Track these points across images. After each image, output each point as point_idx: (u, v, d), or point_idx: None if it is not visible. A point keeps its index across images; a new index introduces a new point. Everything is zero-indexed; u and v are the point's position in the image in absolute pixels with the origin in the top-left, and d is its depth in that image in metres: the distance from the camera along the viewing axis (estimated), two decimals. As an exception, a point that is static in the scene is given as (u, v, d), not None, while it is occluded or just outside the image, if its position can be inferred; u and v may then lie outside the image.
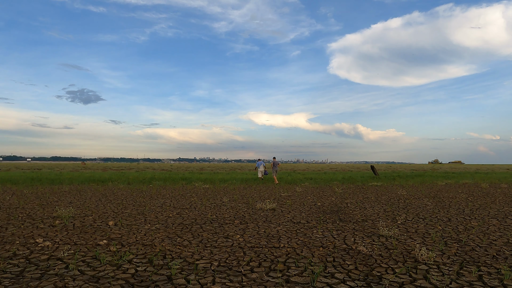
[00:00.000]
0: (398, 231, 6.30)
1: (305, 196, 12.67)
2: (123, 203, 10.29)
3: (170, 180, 21.63)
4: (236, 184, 19.02)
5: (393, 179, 24.06)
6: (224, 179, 22.56)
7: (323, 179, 23.24)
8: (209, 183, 19.67)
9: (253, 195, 12.91)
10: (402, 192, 14.35)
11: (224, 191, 14.75)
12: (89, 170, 42.95)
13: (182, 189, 15.40)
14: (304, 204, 10.34)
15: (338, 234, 6.15)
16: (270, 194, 13.52)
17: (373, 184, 19.16)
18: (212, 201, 10.98)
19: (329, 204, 10.54)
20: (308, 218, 7.81)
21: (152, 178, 23.34)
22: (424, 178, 25.27)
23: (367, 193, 14.18)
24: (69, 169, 44.28)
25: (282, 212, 8.69)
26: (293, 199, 11.81)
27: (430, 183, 20.89)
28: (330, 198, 12.20)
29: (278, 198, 11.96)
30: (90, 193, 13.47)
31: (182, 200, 11.17)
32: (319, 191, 15.05)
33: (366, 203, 10.73)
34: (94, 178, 22.66)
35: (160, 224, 7.01)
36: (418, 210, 9.29)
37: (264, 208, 9.24)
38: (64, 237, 5.72)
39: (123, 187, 16.31)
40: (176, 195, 12.92)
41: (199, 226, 6.76)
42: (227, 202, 10.69)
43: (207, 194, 13.38)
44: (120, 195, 12.63)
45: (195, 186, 17.61)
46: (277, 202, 10.89)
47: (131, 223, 7.03)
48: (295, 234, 6.08)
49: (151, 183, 19.49)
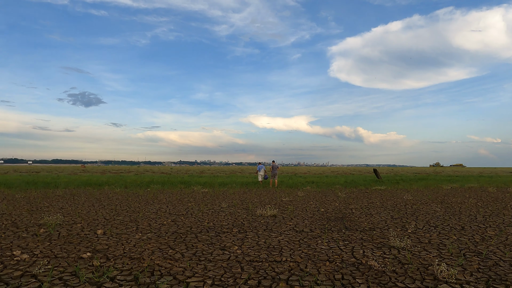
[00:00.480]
0: (411, 242, 5.79)
1: (308, 201, 12.16)
2: (117, 209, 9.80)
3: (169, 183, 21.14)
4: (235, 188, 18.51)
5: (397, 183, 23.53)
6: (223, 182, 22.07)
7: (325, 183, 22.72)
8: (208, 187, 19.17)
9: (253, 200, 12.40)
10: (407, 196, 13.82)
11: (223, 195, 14.24)
12: (87, 173, 42.50)
13: (180, 194, 14.90)
14: (307, 210, 9.83)
15: (345, 245, 5.64)
16: (270, 199, 13.01)
17: (377, 188, 18.63)
18: (210, 207, 10.48)
19: (333, 210, 10.03)
20: (311, 226, 7.30)
21: (150, 181, 22.85)
22: (428, 182, 24.72)
23: (372, 197, 13.66)
24: (67, 172, 43.83)
25: (283, 219, 8.18)
26: (295, 204, 11.30)
27: (434, 187, 20.35)
28: (334, 203, 11.68)
29: (279, 204, 11.45)
30: (84, 197, 12.97)
31: (179, 206, 10.68)
32: (321, 195, 14.53)
33: (372, 209, 10.21)
34: (91, 181, 22.18)
35: (153, 233, 6.50)
36: (427, 217, 8.78)
37: (264, 214, 8.74)
38: (45, 249, 5.22)
39: (119, 191, 15.81)
40: (173, 200, 12.42)
41: (194, 236, 6.26)
42: (226, 208, 10.19)
43: (205, 198, 12.87)
44: (115, 200, 12.13)
45: (194, 190, 17.10)
46: (278, 207, 10.38)
47: (121, 232, 6.53)
48: (298, 245, 5.57)
49: (148, 187, 18.99)
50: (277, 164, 21.13)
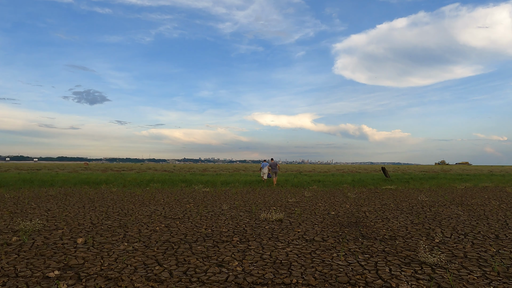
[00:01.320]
0: (444, 256, 4.87)
1: (315, 203, 11.27)
2: (108, 212, 8.97)
3: (169, 182, 20.33)
4: (238, 187, 17.65)
5: (407, 182, 22.53)
6: (226, 181, 21.22)
7: (332, 182, 21.79)
8: (210, 186, 18.33)
9: (257, 201, 11.53)
10: (422, 197, 12.86)
11: (225, 195, 13.39)
12: (88, 171, 41.89)
13: (180, 193, 14.07)
14: (316, 213, 8.94)
15: (366, 259, 4.75)
16: (276, 199, 12.13)
17: (387, 188, 17.68)
18: (210, 209, 9.62)
19: (344, 213, 9.13)
20: (323, 234, 6.41)
21: (150, 180, 22.06)
22: (439, 181, 23.69)
23: (384, 198, 12.73)
24: (68, 170, 43.26)
25: (291, 225, 7.30)
26: (302, 206, 10.41)
27: (447, 187, 19.35)
28: (344, 205, 10.78)
29: (285, 205, 10.57)
30: (77, 197, 12.18)
31: (176, 208, 9.83)
32: (329, 196, 13.62)
33: (387, 212, 9.30)
34: (90, 180, 21.44)
35: (141, 242, 5.65)
36: (451, 222, 7.85)
37: (269, 218, 7.86)
38: (8, 264, 4.39)
39: (115, 191, 15.02)
40: (171, 200, 11.58)
41: (188, 246, 5.39)
42: (227, 210, 9.33)
43: (205, 199, 12.02)
44: (109, 201, 11.32)
45: (195, 189, 16.27)
46: (284, 210, 9.50)
47: (105, 241, 5.68)
48: (310, 260, 4.68)
49: (148, 185, 18.20)
50: (276, 162, 20.31)
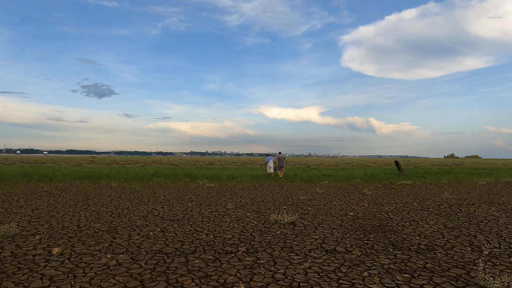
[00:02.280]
0: (507, 278, 3.83)
1: (330, 200, 10.26)
2: (100, 211, 8.09)
3: (173, 177, 19.48)
4: (245, 182, 16.71)
5: (422, 177, 21.36)
6: (232, 176, 20.30)
7: (343, 176, 20.72)
8: (215, 181, 17.42)
9: (265, 199, 10.57)
10: (446, 195, 11.77)
11: (230, 191, 12.45)
12: (93, 164, 41.38)
13: (183, 189, 13.17)
14: (332, 214, 7.94)
15: (407, 281, 3.75)
16: (285, 197, 11.15)
17: (403, 183, 16.58)
18: (213, 208, 8.69)
19: (364, 213, 8.11)
20: (345, 241, 5.42)
21: (154, 174, 21.24)
22: (456, 176, 22.47)
23: (403, 196, 11.66)
24: (73, 163, 42.81)
25: (305, 229, 6.32)
26: (316, 205, 9.42)
27: (467, 181, 18.17)
28: (361, 203, 9.76)
29: (296, 203, 9.59)
30: (72, 194, 11.36)
31: (177, 206, 8.92)
32: (343, 192, 12.60)
33: (412, 212, 8.25)
34: (91, 174, 20.70)
35: (128, 253, 4.73)
36: (491, 226, 6.79)
37: (280, 221, 6.88)
38: (-45, 286, 3.49)
39: (115, 186, 14.19)
40: (172, 197, 10.68)
41: (183, 260, 4.45)
42: (233, 210, 8.38)
43: (209, 196, 11.10)
44: (105, 198, 10.46)
45: (199, 184, 15.37)
46: (296, 209, 8.52)
47: (86, 251, 4.77)
48: (335, 282, 3.70)
49: (150, 180, 17.36)
50: (283, 156, 19.43)
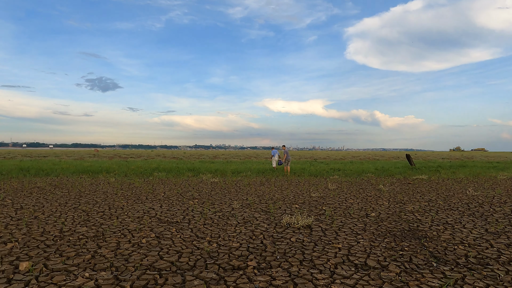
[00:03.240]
0: None
1: (345, 198, 9.34)
2: (91, 211, 7.23)
3: (175, 171, 18.64)
4: (251, 177, 15.82)
5: (436, 171, 20.33)
6: (237, 170, 19.42)
7: (353, 171, 19.74)
8: (220, 175, 16.55)
9: (273, 196, 9.67)
10: (470, 191, 10.79)
11: (236, 187, 11.56)
12: (95, 158, 40.73)
13: (185, 184, 12.31)
14: (351, 215, 7.02)
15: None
16: (296, 194, 10.25)
17: (419, 178, 15.60)
18: (217, 207, 7.80)
19: (386, 213, 7.18)
20: (376, 252, 4.50)
21: (155, 168, 20.42)
22: (472, 169, 21.40)
23: (423, 192, 10.70)
24: (75, 157, 42.19)
25: (325, 235, 5.40)
26: (330, 203, 8.50)
27: (485, 176, 17.15)
28: (381, 201, 8.82)
29: (309, 202, 8.68)
30: (65, 190, 10.54)
31: (177, 205, 8.04)
32: (357, 188, 11.66)
33: (441, 212, 7.31)
34: (91, 168, 19.91)
35: (113, 268, 3.85)
36: (540, 230, 5.83)
37: (294, 224, 5.97)
38: None
39: (113, 182, 13.36)
40: (172, 194, 9.82)
41: (179, 279, 3.55)
42: (239, 210, 7.49)
43: (213, 193, 10.22)
44: (101, 195, 9.62)
45: (202, 179, 14.52)
46: (309, 209, 7.61)
47: (60, 266, 3.90)
48: (379, 317, 2.78)
49: (151, 175, 16.54)
50: (287, 149, 18.59)
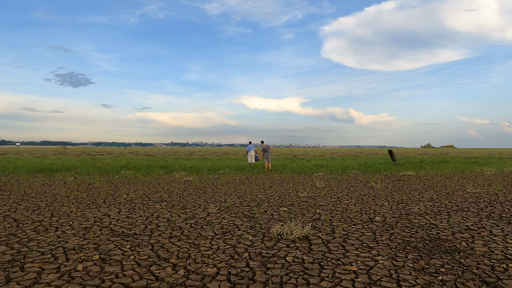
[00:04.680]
0: None
1: (338, 198, 8.15)
2: (26, 220, 5.63)
3: (145, 169, 16.92)
4: (229, 174, 14.43)
5: (420, 167, 19.71)
6: (214, 167, 17.94)
7: (337, 167, 18.76)
8: (194, 173, 15.05)
9: (256, 196, 8.35)
10: (470, 188, 9.93)
11: (212, 186, 10.16)
12: (61, 156, 37.90)
13: (154, 184, 10.76)
14: (353, 220, 5.81)
15: None
16: (281, 193, 8.98)
17: (406, 174, 14.77)
18: (189, 212, 6.39)
19: (392, 217, 6.04)
20: (406, 278, 3.27)
21: (124, 166, 18.58)
22: (456, 165, 21.00)
23: (420, 190, 9.73)
24: (39, 155, 39.11)
25: (329, 250, 4.14)
26: (323, 204, 7.27)
27: (470, 172, 16.61)
28: (379, 201, 7.70)
29: (298, 203, 7.42)
30: (6, 193, 8.76)
31: (139, 210, 6.56)
32: (348, 186, 10.56)
33: (453, 214, 6.25)
34: (51, 167, 17.79)
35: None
36: None
37: (287, 235, 4.67)
38: None
39: (71, 181, 11.59)
40: (137, 196, 8.29)
41: None
42: (215, 215, 6.11)
43: (186, 193, 8.77)
44: (48, 198, 7.95)
45: (175, 178, 12.99)
46: (301, 211, 6.35)
47: None
48: None
49: (118, 173, 14.80)
50: (267, 145, 17.34)
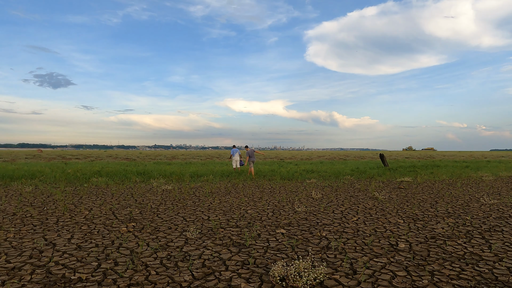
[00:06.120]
0: None
1: (341, 213, 6.91)
2: None
3: (121, 175, 15.29)
4: (213, 182, 13.02)
5: (414, 171, 18.81)
6: (197, 173, 16.47)
7: (329, 173, 17.61)
8: (175, 180, 13.57)
9: (246, 212, 7.02)
10: (486, 199, 8.90)
11: (193, 198, 8.76)
12: (33, 159, 35.46)
13: (125, 195, 9.26)
14: (371, 248, 4.55)
15: None
16: (275, 206, 7.67)
17: (404, 181, 13.75)
18: (162, 238, 5.00)
19: (417, 241, 4.82)
20: None
21: (98, 172, 16.86)
22: (449, 170, 20.24)
23: (427, 200, 8.62)
24: (7, 158, 36.48)
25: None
26: (328, 223, 6.01)
27: (467, 177, 15.78)
28: (391, 217, 6.50)
29: (297, 221, 6.14)
30: None
31: (97, 236, 5.12)
32: (347, 196, 9.36)
33: (488, 237, 5.09)
34: (13, 173, 15.90)
35: None
36: None
37: (295, 282, 3.35)
38: None
39: (29, 192, 9.95)
40: (101, 213, 6.81)
41: None
42: (196, 244, 4.74)
43: (161, 208, 7.35)
44: (-14, 217, 6.38)
45: (152, 186, 11.50)
46: (302, 235, 5.06)
47: None
48: None
49: (88, 181, 13.15)
50: (252, 149, 16.16)
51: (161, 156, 50.10)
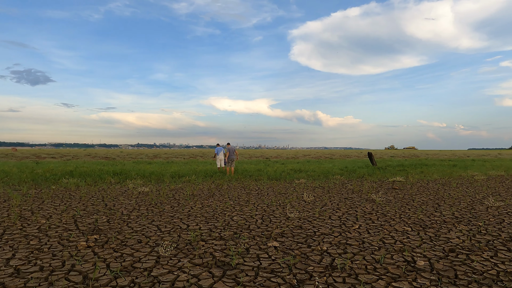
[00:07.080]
0: None
1: (340, 219, 6.10)
2: None
3: (95, 176, 14.08)
4: (196, 183, 12.05)
5: (404, 171, 18.32)
6: (179, 173, 15.43)
7: (317, 172, 16.88)
8: (154, 181, 12.51)
9: (232, 219, 6.11)
10: (490, 201, 8.30)
11: (172, 202, 7.79)
12: (3, 159, 33.43)
13: (96, 198, 8.19)
14: (385, 267, 3.74)
15: None
16: (264, 212, 6.80)
17: (396, 181, 13.15)
18: (127, 257, 4.04)
19: (436, 257, 4.05)
20: None
21: (70, 172, 15.56)
22: (438, 169, 19.89)
23: (429, 203, 7.95)
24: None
25: None
26: (326, 233, 5.18)
27: (458, 176, 15.37)
28: (397, 224, 5.73)
29: (291, 231, 5.28)
30: None
31: (46, 255, 4.11)
32: (341, 198, 8.59)
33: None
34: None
35: None
36: None
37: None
38: None
39: (-18, 196, 8.72)
40: (59, 222, 5.77)
41: None
42: (169, 264, 3.81)
43: (133, 215, 6.35)
44: None
45: (128, 188, 10.44)
46: (300, 250, 4.20)
47: None
48: None
49: (57, 182, 11.94)
50: (233, 147, 15.35)
51: (143, 155, 48.50)
